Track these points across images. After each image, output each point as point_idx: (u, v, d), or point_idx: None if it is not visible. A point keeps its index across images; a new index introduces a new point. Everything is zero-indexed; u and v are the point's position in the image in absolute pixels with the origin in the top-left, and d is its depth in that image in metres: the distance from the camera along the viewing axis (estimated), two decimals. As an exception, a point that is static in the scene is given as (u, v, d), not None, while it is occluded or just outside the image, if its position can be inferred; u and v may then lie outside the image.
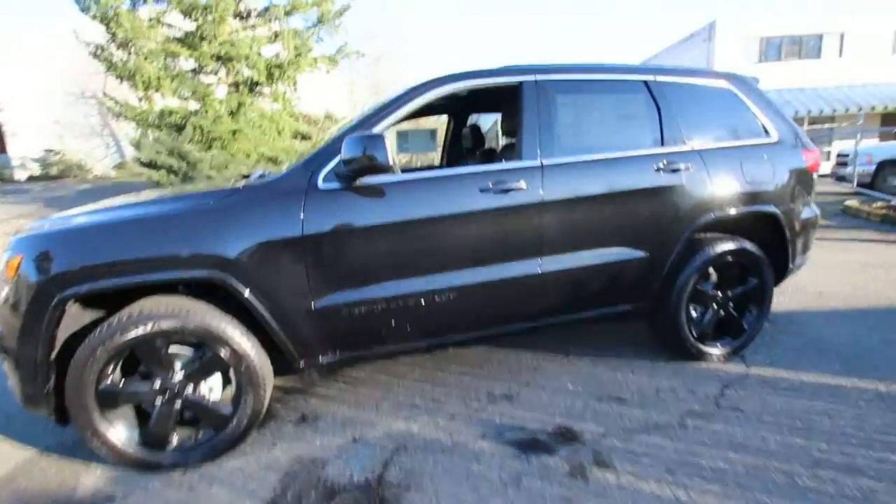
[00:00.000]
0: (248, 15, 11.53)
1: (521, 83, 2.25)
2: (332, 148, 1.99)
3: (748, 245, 2.54)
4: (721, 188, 2.44)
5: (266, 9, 11.22)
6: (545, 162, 2.18)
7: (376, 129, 2.04)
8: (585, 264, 2.26)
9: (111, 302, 1.84)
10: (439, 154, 4.01)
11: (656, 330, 2.67)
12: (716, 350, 2.62)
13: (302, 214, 1.87)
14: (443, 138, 3.88)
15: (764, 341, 2.86)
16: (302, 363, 2.00)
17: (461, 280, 2.07)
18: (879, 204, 7.96)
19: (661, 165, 2.34)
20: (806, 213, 2.76)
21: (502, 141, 3.63)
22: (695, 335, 2.57)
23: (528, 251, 2.16)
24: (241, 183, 2.05)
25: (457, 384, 2.48)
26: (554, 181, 2.16)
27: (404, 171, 2.17)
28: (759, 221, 2.60)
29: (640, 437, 1.98)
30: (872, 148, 10.51)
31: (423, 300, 2.03)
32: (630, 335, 3.00)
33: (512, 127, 2.59)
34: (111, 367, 1.75)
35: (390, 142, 1.90)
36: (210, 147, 10.51)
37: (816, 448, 1.91)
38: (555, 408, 2.22)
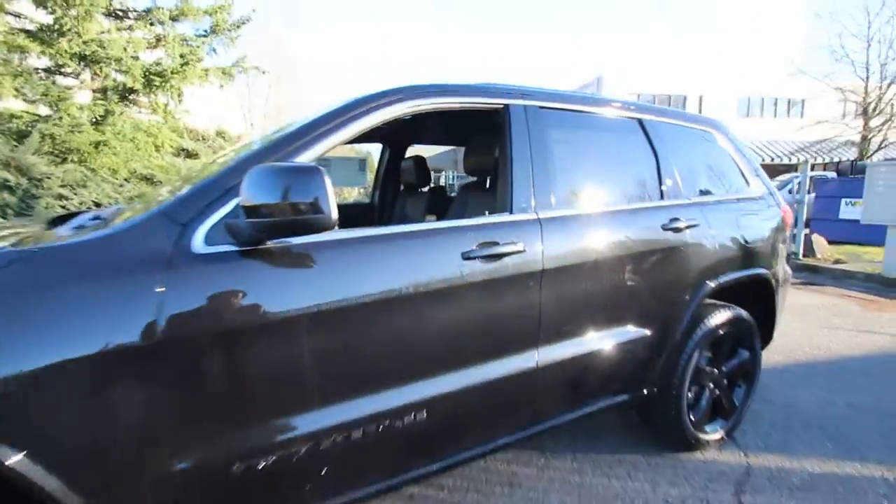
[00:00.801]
0: (126, 14, 9.99)
1: (506, 107, 1.68)
2: (220, 186, 1.19)
3: (743, 314, 2.21)
4: (724, 249, 2.09)
5: (148, 10, 9.78)
6: (542, 215, 1.62)
7: (305, 158, 1.30)
8: (587, 351, 1.72)
9: None
10: (371, 190, 3.28)
11: (652, 420, 2.20)
12: (712, 436, 2.22)
13: (159, 301, 1.03)
14: (375, 171, 3.20)
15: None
16: None
17: (433, 390, 1.38)
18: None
19: (666, 221, 1.91)
20: (786, 274, 2.55)
21: (444, 178, 3.03)
22: (693, 421, 2.14)
23: (525, 339, 1.56)
24: (41, 238, 1.20)
25: (412, 518, 1.75)
26: (555, 241, 1.60)
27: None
28: (750, 286, 2.30)
29: None
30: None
31: (375, 427, 1.29)
32: (605, 417, 2.52)
33: (484, 164, 2.00)
34: None
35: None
36: (65, 160, 8.67)
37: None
38: (557, 554, 1.60)
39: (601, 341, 1.75)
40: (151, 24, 9.95)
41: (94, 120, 8.98)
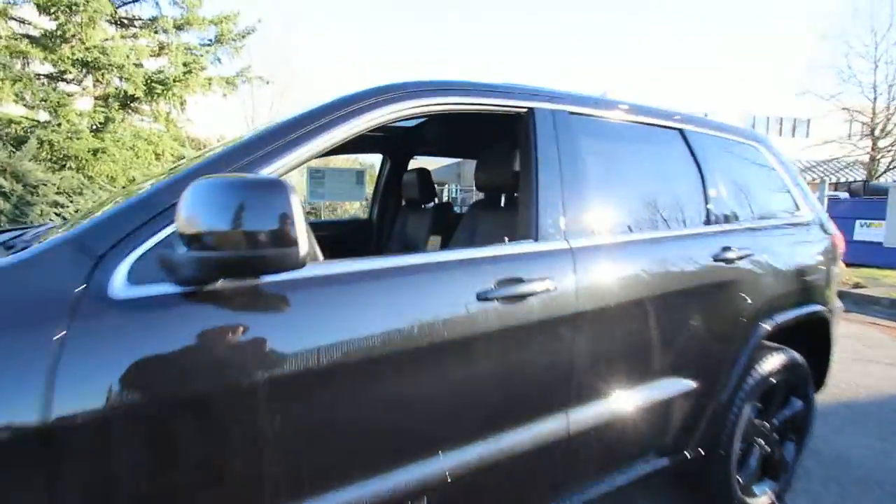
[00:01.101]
0: (131, 22, 9.91)
1: (531, 111, 1.39)
2: (153, 204, 0.91)
3: (798, 357, 1.90)
4: (779, 283, 1.79)
5: (153, 19, 9.69)
6: (574, 244, 1.32)
7: (270, 171, 1.00)
8: (627, 410, 1.41)
9: None
10: (369, 205, 2.98)
11: (693, 484, 1.88)
12: (761, 500, 1.90)
13: (50, 365, 0.73)
14: (375, 184, 2.92)
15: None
16: None
17: (437, 469, 1.07)
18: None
19: (718, 251, 1.62)
20: (839, 309, 2.23)
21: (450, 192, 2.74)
22: (741, 484, 1.82)
23: (553, 399, 1.25)
24: None
25: None
26: (591, 277, 1.30)
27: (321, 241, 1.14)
28: (805, 325, 1.98)
29: None
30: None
31: None
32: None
33: (500, 179, 1.71)
34: None
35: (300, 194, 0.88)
36: (63, 167, 8.50)
37: None
38: None
39: (643, 397, 1.44)
40: (156, 33, 9.88)
41: (93, 127, 8.85)
